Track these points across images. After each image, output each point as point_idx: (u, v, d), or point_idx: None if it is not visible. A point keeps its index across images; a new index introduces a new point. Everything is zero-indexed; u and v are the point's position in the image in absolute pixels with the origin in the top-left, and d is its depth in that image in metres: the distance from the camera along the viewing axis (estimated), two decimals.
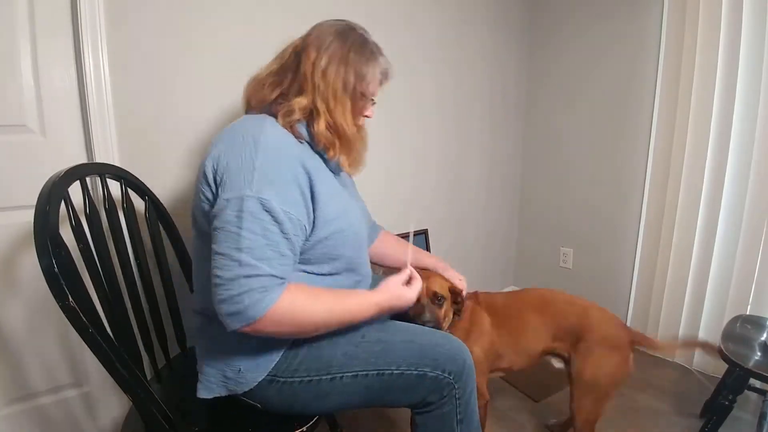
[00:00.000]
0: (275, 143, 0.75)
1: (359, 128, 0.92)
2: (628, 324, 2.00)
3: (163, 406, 0.75)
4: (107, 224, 0.93)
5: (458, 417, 0.84)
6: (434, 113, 1.93)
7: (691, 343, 1.57)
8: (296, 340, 0.82)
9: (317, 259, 0.82)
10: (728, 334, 1.26)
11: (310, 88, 0.81)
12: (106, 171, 0.96)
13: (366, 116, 0.93)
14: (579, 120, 2.11)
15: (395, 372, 0.80)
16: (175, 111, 1.26)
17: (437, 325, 0.98)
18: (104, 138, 1.14)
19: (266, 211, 0.69)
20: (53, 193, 0.70)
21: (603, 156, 2.04)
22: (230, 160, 0.72)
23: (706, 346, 1.34)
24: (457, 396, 0.83)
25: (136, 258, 1.00)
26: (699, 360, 1.74)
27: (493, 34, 2.10)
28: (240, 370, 0.80)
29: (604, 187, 2.05)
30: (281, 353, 0.81)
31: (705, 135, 1.61)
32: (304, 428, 0.84)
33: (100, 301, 0.81)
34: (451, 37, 1.93)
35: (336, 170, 0.91)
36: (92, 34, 1.09)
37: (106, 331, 0.70)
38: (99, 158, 1.13)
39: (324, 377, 0.80)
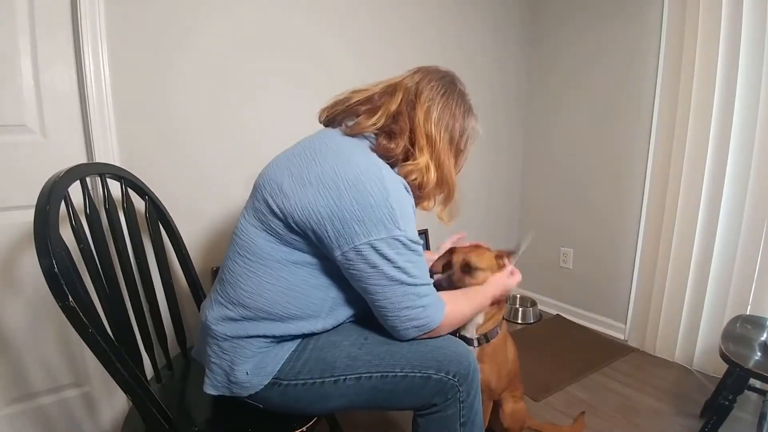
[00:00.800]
0: (396, 182, 0.78)
1: None
2: (629, 322, 2.00)
3: (163, 406, 0.75)
4: (107, 224, 0.93)
5: (461, 420, 0.84)
6: None
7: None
8: (300, 344, 0.83)
9: None
10: (728, 334, 1.26)
11: (424, 142, 0.83)
12: (106, 171, 0.95)
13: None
14: (579, 120, 2.11)
15: (399, 374, 0.80)
16: (176, 111, 1.26)
17: (452, 284, 1.03)
18: (104, 138, 1.14)
19: (413, 242, 0.78)
20: (53, 193, 0.70)
21: (603, 156, 2.04)
22: (360, 200, 0.73)
23: None
24: (461, 399, 0.83)
25: (137, 258, 1.00)
26: (699, 360, 1.74)
27: (494, 34, 2.10)
28: (247, 373, 0.80)
29: (605, 187, 2.05)
30: (286, 357, 0.82)
31: (705, 135, 1.61)
32: (304, 428, 0.84)
33: (100, 301, 0.81)
34: (451, 39, 1.93)
35: None
36: (92, 34, 1.09)
37: (106, 331, 0.70)
38: (99, 158, 1.13)
39: (327, 380, 0.80)
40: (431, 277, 0.94)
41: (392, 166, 0.83)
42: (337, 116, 0.88)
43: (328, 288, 0.82)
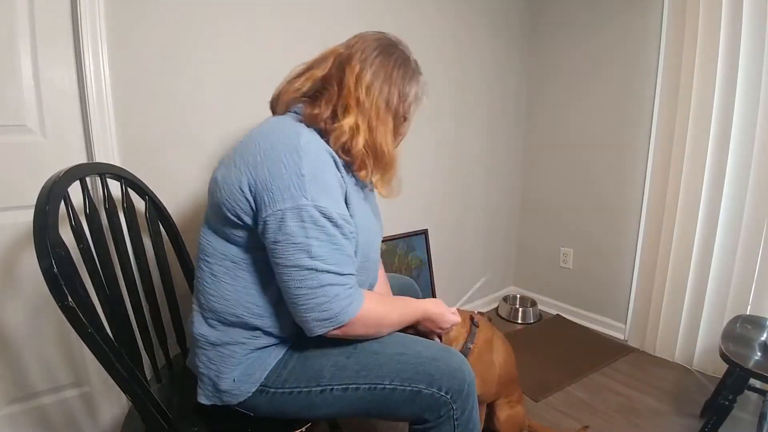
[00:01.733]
0: (315, 148, 0.73)
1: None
2: (629, 322, 2.00)
3: (162, 406, 0.75)
4: (107, 224, 0.93)
5: None
6: (434, 115, 1.93)
7: None
8: (288, 351, 0.82)
9: None
10: (728, 334, 1.26)
11: (353, 104, 0.78)
12: (106, 171, 0.95)
13: (402, 136, 0.91)
14: (579, 122, 2.12)
15: (387, 387, 0.77)
16: (176, 110, 1.26)
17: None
18: (104, 138, 1.14)
19: (326, 217, 0.70)
20: (53, 193, 0.70)
21: (603, 157, 2.04)
22: (272, 169, 0.69)
23: None
24: (455, 417, 0.78)
25: (137, 258, 1.00)
26: (699, 360, 1.74)
27: (493, 38, 2.10)
28: (234, 380, 0.79)
29: (604, 187, 2.05)
30: (273, 364, 0.80)
31: (705, 136, 1.61)
32: (303, 429, 0.84)
33: (100, 301, 0.81)
34: (450, 44, 1.93)
35: (362, 183, 0.87)
36: (92, 34, 1.09)
37: (106, 331, 0.70)
38: (99, 158, 1.13)
39: (314, 389, 0.78)
40: None
41: (322, 134, 0.79)
42: (276, 98, 0.88)
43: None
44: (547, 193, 2.33)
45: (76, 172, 0.80)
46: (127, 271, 0.96)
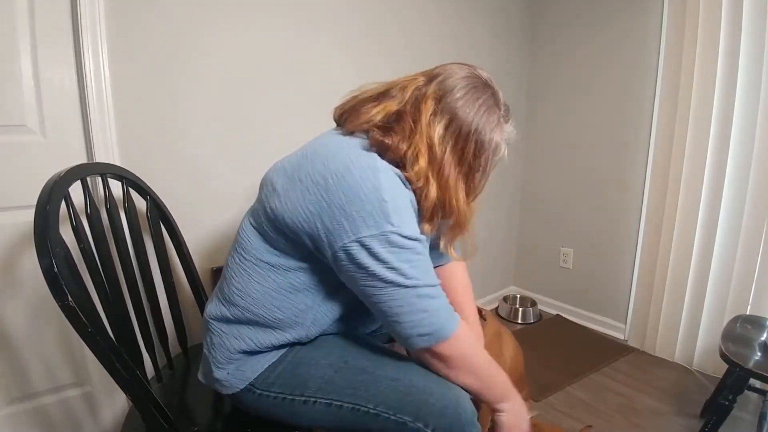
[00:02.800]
0: (390, 176, 0.70)
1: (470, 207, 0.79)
2: (629, 322, 2.00)
3: (163, 406, 0.75)
4: (108, 224, 0.93)
5: None
6: None
7: None
8: (281, 356, 0.80)
9: None
10: (728, 334, 1.26)
11: (424, 149, 0.71)
12: (107, 171, 0.95)
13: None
14: (579, 122, 2.12)
15: (371, 411, 0.72)
16: (176, 110, 1.26)
17: None
18: (104, 138, 1.14)
19: (410, 239, 0.68)
20: (54, 193, 0.70)
21: (603, 157, 2.04)
22: (349, 193, 0.66)
23: None
24: None
25: (137, 258, 1.00)
26: (699, 360, 1.74)
27: (493, 39, 2.10)
28: (228, 373, 0.79)
29: (604, 187, 2.05)
30: (266, 366, 0.79)
31: (705, 136, 1.61)
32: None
33: (100, 301, 0.81)
34: (451, 45, 1.93)
35: None
36: (92, 34, 1.08)
37: (106, 331, 0.70)
38: (99, 158, 1.13)
39: (298, 398, 0.76)
40: None
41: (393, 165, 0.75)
42: (343, 113, 0.81)
43: (314, 293, 0.78)
44: (547, 193, 2.33)
45: (78, 172, 0.80)
46: (127, 271, 0.96)
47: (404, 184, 0.72)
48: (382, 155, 0.72)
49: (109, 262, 0.87)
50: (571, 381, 1.68)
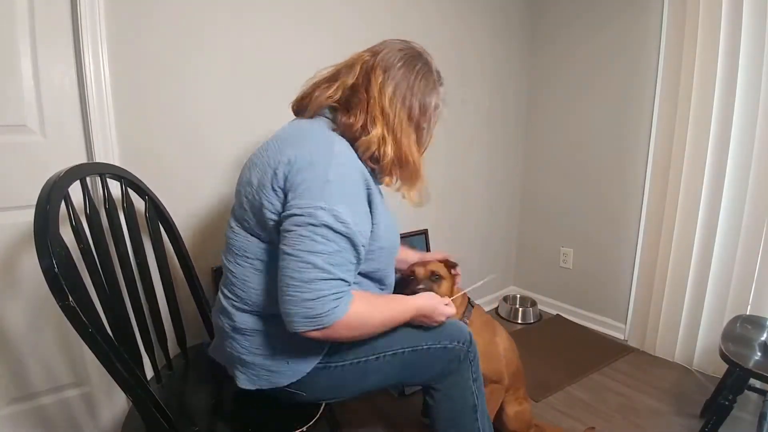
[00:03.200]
0: (345, 158, 0.78)
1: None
2: (629, 322, 2.00)
3: (163, 406, 0.75)
4: (107, 224, 0.93)
5: (473, 377, 0.96)
6: None
7: None
8: None
9: None
10: (728, 334, 1.26)
11: (379, 114, 0.81)
12: (106, 171, 0.96)
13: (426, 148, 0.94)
14: (579, 122, 2.12)
15: (424, 347, 0.90)
16: (176, 111, 1.26)
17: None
18: (104, 138, 1.14)
19: (340, 222, 0.72)
20: (53, 193, 0.70)
21: (603, 157, 2.04)
22: (304, 170, 0.74)
23: None
24: (470, 359, 0.95)
25: (136, 258, 1.00)
26: (699, 360, 1.74)
27: (493, 39, 2.10)
28: (288, 362, 0.83)
29: (605, 187, 2.05)
30: (329, 344, 0.85)
31: (705, 136, 1.61)
32: (304, 428, 0.84)
33: (100, 301, 0.81)
34: (451, 45, 1.93)
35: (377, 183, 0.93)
36: (92, 34, 1.08)
37: (106, 331, 0.70)
38: (99, 158, 1.13)
39: (371, 357, 0.87)
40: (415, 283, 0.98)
41: (352, 142, 0.83)
42: (302, 103, 0.90)
43: None
44: (547, 193, 2.33)
45: (77, 172, 0.80)
46: (127, 271, 0.96)
47: (361, 172, 0.80)
48: (345, 134, 0.82)
49: (108, 262, 0.87)
50: (571, 381, 1.68)
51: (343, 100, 0.84)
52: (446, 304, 0.95)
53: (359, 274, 0.86)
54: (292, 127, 0.87)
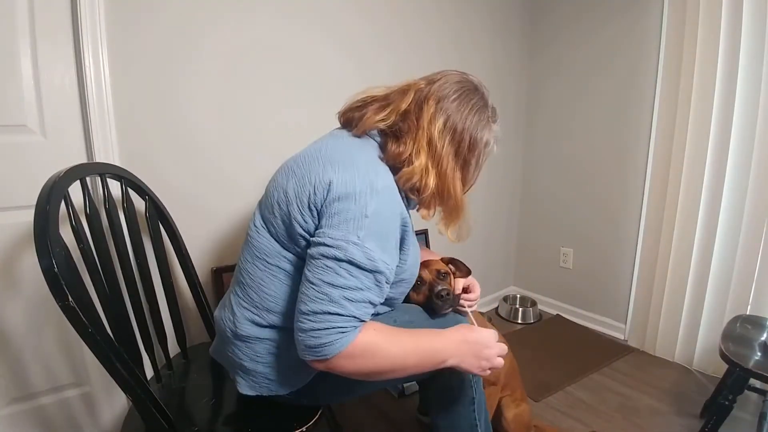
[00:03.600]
0: (388, 196, 0.75)
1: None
2: (629, 322, 2.01)
3: (162, 406, 0.75)
4: (107, 224, 0.93)
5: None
6: None
7: None
8: None
9: None
10: (728, 334, 1.26)
11: (425, 144, 0.80)
12: (106, 171, 0.96)
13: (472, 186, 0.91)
14: (579, 122, 2.12)
15: None
16: (176, 111, 1.26)
17: (451, 293, 0.97)
18: (104, 138, 1.14)
19: (369, 260, 0.70)
20: (53, 193, 0.70)
21: (603, 157, 2.04)
22: (344, 199, 0.71)
23: None
24: None
25: (137, 258, 1.00)
26: (699, 360, 1.74)
27: (493, 39, 2.10)
28: (288, 372, 0.82)
29: (605, 187, 2.05)
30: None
31: (705, 136, 1.61)
32: (304, 429, 0.84)
33: (100, 301, 0.81)
34: (450, 45, 1.93)
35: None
36: (92, 34, 1.08)
37: (106, 331, 0.70)
38: (99, 158, 1.13)
39: None
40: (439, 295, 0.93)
41: (395, 171, 0.81)
42: (351, 115, 0.87)
43: None
44: (547, 193, 2.33)
45: (77, 172, 0.80)
46: (127, 271, 0.96)
47: (400, 211, 0.77)
48: (390, 162, 0.80)
49: (108, 262, 0.87)
50: (571, 381, 1.68)
51: (394, 126, 0.82)
52: (498, 341, 0.85)
53: None
54: (339, 142, 0.83)
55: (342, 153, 0.78)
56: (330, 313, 0.68)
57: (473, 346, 0.81)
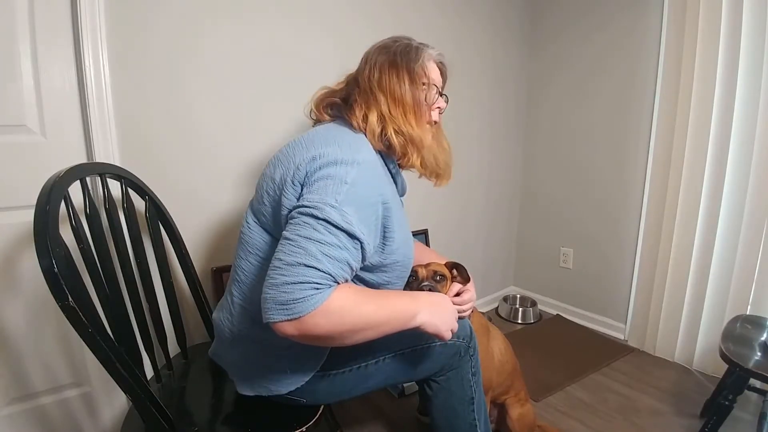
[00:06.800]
0: (368, 167, 0.78)
1: (432, 128, 0.95)
2: (629, 323, 2.01)
3: (162, 406, 0.75)
4: (107, 224, 0.93)
5: (472, 371, 0.98)
6: None
7: None
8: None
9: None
10: (728, 334, 1.26)
11: (372, 100, 0.85)
12: (106, 171, 0.95)
13: (438, 108, 0.94)
14: (579, 122, 2.12)
15: (424, 346, 0.92)
16: (176, 110, 1.26)
17: (435, 290, 0.98)
18: (104, 138, 1.14)
19: (346, 222, 0.69)
20: (53, 193, 0.70)
21: (603, 157, 2.04)
22: (326, 167, 0.74)
23: None
24: (471, 354, 0.98)
25: (136, 258, 1.00)
26: (699, 360, 1.74)
27: (493, 39, 2.10)
28: (287, 372, 0.83)
29: (605, 187, 2.05)
30: (328, 351, 0.85)
31: (705, 136, 1.61)
32: (304, 429, 0.84)
33: (99, 301, 0.81)
34: (451, 45, 1.93)
35: (401, 192, 0.98)
36: (92, 34, 1.09)
37: (106, 331, 0.70)
38: (99, 158, 1.13)
39: (370, 362, 0.89)
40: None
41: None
42: (313, 110, 0.96)
43: None
44: (547, 193, 2.33)
45: (77, 172, 0.80)
46: (127, 271, 0.96)
47: (382, 168, 0.83)
48: (359, 130, 0.85)
49: (108, 262, 0.87)
50: (571, 381, 1.68)
51: (348, 98, 0.89)
52: (457, 293, 0.97)
53: (369, 285, 0.85)
54: (320, 129, 0.87)
55: (324, 134, 0.83)
56: (306, 266, 0.65)
57: (439, 306, 0.82)
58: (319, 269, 0.65)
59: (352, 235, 0.70)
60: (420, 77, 0.88)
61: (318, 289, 0.65)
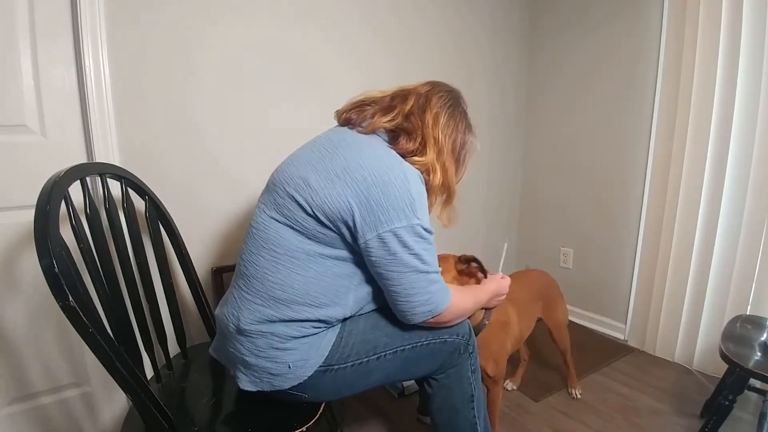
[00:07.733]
0: (414, 175, 0.86)
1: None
2: (629, 322, 2.01)
3: (163, 406, 0.75)
4: (107, 224, 0.93)
5: (471, 368, 1.01)
6: None
7: None
8: (339, 332, 0.89)
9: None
10: (728, 334, 1.26)
11: (432, 142, 0.91)
12: (106, 171, 0.95)
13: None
14: (579, 122, 2.12)
15: (424, 343, 0.93)
16: (176, 110, 1.26)
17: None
18: (104, 138, 1.14)
19: (427, 232, 0.85)
20: (54, 193, 0.70)
21: (603, 157, 2.04)
22: (386, 191, 0.80)
23: None
24: (470, 351, 1.00)
25: (137, 258, 1.00)
26: (699, 360, 1.74)
27: (493, 39, 2.10)
28: (290, 366, 0.84)
29: (605, 187, 2.05)
30: (330, 346, 0.87)
31: (705, 135, 1.61)
32: (304, 428, 0.84)
33: (100, 301, 0.81)
34: (451, 45, 1.94)
35: None
36: (92, 34, 1.09)
37: (106, 331, 0.70)
38: (99, 158, 1.14)
39: (372, 357, 0.90)
40: None
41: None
42: (351, 116, 0.95)
43: (352, 276, 0.88)
44: (547, 193, 2.33)
45: (77, 172, 0.80)
46: (127, 271, 0.96)
47: (422, 182, 0.89)
48: (401, 154, 0.89)
49: (108, 262, 0.87)
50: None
51: (399, 126, 0.92)
52: (502, 277, 1.11)
53: (370, 294, 0.93)
54: (349, 137, 0.89)
55: (360, 147, 0.86)
56: (433, 282, 0.85)
57: (497, 292, 1.08)
58: (437, 281, 0.87)
59: (431, 235, 0.86)
60: (464, 148, 0.99)
61: (443, 287, 0.88)
